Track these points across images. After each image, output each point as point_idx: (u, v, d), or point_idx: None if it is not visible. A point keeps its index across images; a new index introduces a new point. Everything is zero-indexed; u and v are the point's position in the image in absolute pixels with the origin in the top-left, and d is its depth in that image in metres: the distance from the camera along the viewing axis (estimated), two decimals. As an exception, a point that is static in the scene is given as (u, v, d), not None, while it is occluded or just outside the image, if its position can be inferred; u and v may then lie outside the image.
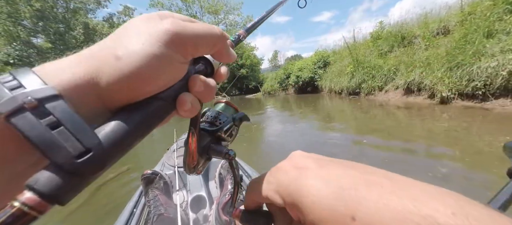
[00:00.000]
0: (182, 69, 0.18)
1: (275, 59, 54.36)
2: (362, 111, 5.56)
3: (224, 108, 0.30)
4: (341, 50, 11.97)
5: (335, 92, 9.90)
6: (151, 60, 0.16)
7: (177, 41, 0.17)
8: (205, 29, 0.19)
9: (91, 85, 0.15)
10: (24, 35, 18.72)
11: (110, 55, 0.15)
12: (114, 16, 27.41)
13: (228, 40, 0.23)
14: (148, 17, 0.18)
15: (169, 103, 0.18)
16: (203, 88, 0.20)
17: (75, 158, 0.12)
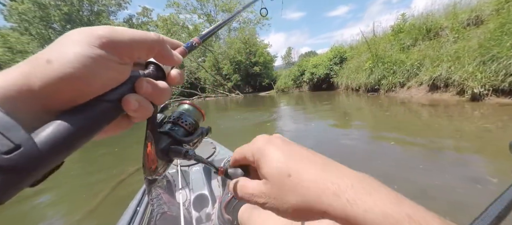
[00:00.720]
0: (123, 71, 0.19)
1: (288, 56, 53.59)
2: (382, 109, 5.27)
3: (188, 110, 0.30)
4: (358, 45, 11.46)
5: (352, 89, 9.52)
6: (83, 60, 0.16)
7: (109, 43, 0.17)
8: (140, 33, 0.20)
9: (24, 89, 0.15)
10: (54, 37, 20.17)
11: (41, 60, 0.16)
12: (133, 17, 28.68)
13: (179, 48, 0.26)
14: (84, 29, 0.18)
15: (114, 104, 0.19)
16: (151, 89, 0.21)
17: (4, 153, 0.13)
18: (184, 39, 23.64)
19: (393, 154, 2.46)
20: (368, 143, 3.00)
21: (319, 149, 2.00)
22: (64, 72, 0.15)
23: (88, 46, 0.17)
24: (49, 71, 0.15)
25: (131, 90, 0.20)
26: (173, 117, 0.28)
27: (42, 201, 2.25)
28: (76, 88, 0.16)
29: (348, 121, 4.43)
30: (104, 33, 0.17)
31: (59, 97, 0.16)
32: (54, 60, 0.16)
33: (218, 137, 3.98)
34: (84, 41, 0.17)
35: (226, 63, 22.92)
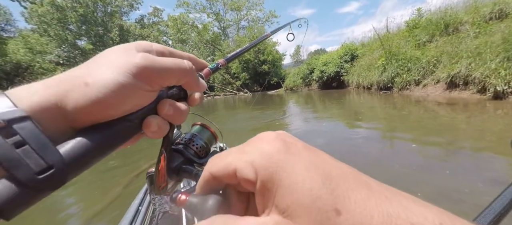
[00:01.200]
0: (150, 96, 0.20)
1: (297, 54, 53.01)
2: (395, 108, 5.10)
3: (200, 131, 0.30)
4: (370, 42, 11.14)
5: (363, 87, 9.27)
6: (117, 88, 0.17)
7: (144, 73, 0.18)
8: (174, 64, 0.20)
9: (58, 107, 0.16)
10: (71, 38, 21.09)
11: (79, 81, 0.17)
12: (144, 17, 29.35)
13: (204, 70, 0.27)
14: (124, 49, 0.19)
15: (136, 124, 0.20)
16: (172, 111, 0.21)
17: (36, 174, 0.14)
18: (193, 38, 23.93)
19: (414, 156, 2.34)
20: (386, 145, 2.89)
21: (332, 151, 1.96)
22: (98, 98, 0.16)
23: (125, 74, 0.17)
24: (85, 95, 0.16)
25: (153, 110, 0.21)
26: (185, 139, 0.28)
27: (60, 194, 2.35)
28: (106, 112, 0.17)
29: (361, 120, 4.32)
30: (142, 62, 0.18)
31: (87, 117, 0.17)
32: (92, 84, 0.16)
33: (225, 139, 3.99)
34: (122, 67, 0.17)
35: (235, 62, 22.99)
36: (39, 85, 0.16)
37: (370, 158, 2.38)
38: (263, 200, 0.14)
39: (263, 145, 0.15)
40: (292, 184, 0.13)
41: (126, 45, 0.20)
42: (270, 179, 0.14)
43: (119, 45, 0.20)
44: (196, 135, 0.29)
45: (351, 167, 0.15)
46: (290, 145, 0.15)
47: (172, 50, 0.24)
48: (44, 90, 0.16)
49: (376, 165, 2.19)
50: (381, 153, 2.53)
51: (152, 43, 0.22)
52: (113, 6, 23.60)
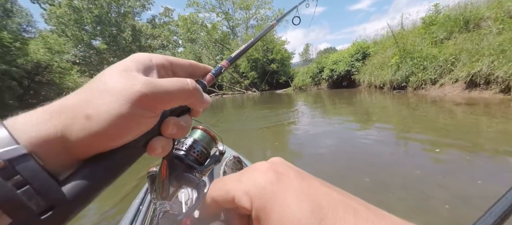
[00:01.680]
0: (153, 121, 0.19)
1: (306, 53, 52.37)
2: (410, 108, 4.90)
3: (200, 136, 0.29)
4: (383, 39, 10.79)
5: (375, 87, 9.00)
6: (120, 120, 0.16)
7: (147, 101, 0.17)
8: (177, 87, 0.19)
9: (60, 141, 0.15)
10: (86, 38, 21.93)
11: (80, 113, 0.16)
12: (156, 18, 29.99)
13: (207, 76, 0.26)
14: (125, 70, 0.18)
15: (139, 149, 0.19)
16: (176, 130, 0.20)
17: (38, 215, 0.13)
18: (202, 37, 24.19)
19: (431, 160, 2.21)
20: (400, 147, 2.78)
21: (341, 153, 1.89)
22: (101, 131, 0.16)
23: (127, 105, 0.16)
24: (87, 129, 0.15)
25: (157, 132, 0.20)
26: (186, 145, 0.28)
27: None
28: (109, 143, 0.17)
29: (373, 121, 4.18)
30: (144, 90, 0.17)
31: (89, 149, 0.16)
32: (93, 117, 0.16)
33: (234, 141, 3.97)
34: (124, 96, 0.16)
35: (243, 61, 23.03)
36: (39, 116, 0.15)
37: (382, 161, 2.29)
38: (257, 223, 0.15)
39: (256, 176, 0.16)
40: (283, 214, 0.14)
41: (126, 64, 0.19)
42: (262, 209, 0.15)
43: (119, 65, 0.19)
44: (196, 141, 0.29)
45: (341, 193, 0.16)
46: (281, 176, 0.16)
47: (173, 60, 0.23)
48: (44, 123, 0.15)
49: (389, 169, 2.10)
50: (394, 156, 2.43)
51: (151, 56, 0.21)
52: (126, 6, 24.29)
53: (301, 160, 2.56)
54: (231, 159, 1.02)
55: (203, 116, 1.74)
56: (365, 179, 1.91)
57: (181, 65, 0.23)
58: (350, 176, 2.02)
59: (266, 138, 3.72)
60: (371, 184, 1.82)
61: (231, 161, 1.02)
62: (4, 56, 11.27)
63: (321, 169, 2.22)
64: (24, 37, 14.81)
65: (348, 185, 1.84)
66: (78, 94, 0.17)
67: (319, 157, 2.60)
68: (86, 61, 22.42)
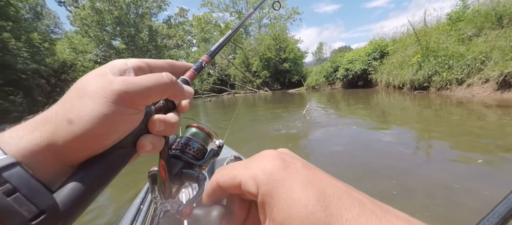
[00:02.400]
0: (137, 118, 0.19)
1: (319, 52, 51.31)
2: (433, 110, 4.60)
3: (195, 134, 0.30)
4: (403, 37, 10.26)
5: (394, 87, 8.58)
6: (102, 119, 0.17)
7: (125, 98, 0.18)
8: (153, 81, 0.19)
9: (47, 149, 0.16)
10: (107, 38, 23.06)
11: (62, 119, 0.16)
12: (171, 18, 30.85)
13: (188, 72, 0.26)
14: (100, 75, 0.18)
15: (129, 148, 0.19)
16: (163, 127, 0.21)
17: (29, 221, 0.13)
18: (216, 37, 24.49)
19: (467, 169, 2.01)
20: (432, 155, 2.56)
21: (356, 157, 1.77)
22: (85, 133, 0.16)
23: (105, 103, 0.17)
24: (72, 133, 0.16)
25: (145, 130, 0.20)
26: (181, 144, 0.28)
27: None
28: (97, 144, 0.17)
29: (392, 123, 3.98)
30: (120, 87, 0.18)
31: (78, 152, 0.17)
32: (75, 120, 0.16)
33: (240, 144, 3.94)
34: (101, 97, 0.17)
35: (256, 60, 23.03)
36: (24, 128, 0.16)
37: (404, 165, 2.15)
38: (264, 212, 0.16)
39: (264, 162, 0.17)
40: (289, 200, 0.14)
41: (101, 69, 0.19)
42: (269, 194, 0.15)
43: (94, 71, 0.19)
44: (191, 138, 0.29)
45: (347, 185, 0.16)
46: (289, 164, 0.16)
47: (149, 62, 0.23)
48: (30, 134, 0.16)
49: (412, 173, 1.97)
50: (417, 160, 2.28)
51: (126, 60, 0.21)
52: (144, 7, 25.22)
53: (316, 162, 2.48)
54: (232, 159, 1.02)
55: (214, 114, 1.72)
56: (386, 182, 1.80)
57: (158, 66, 0.24)
58: (369, 179, 1.92)
59: (279, 139, 3.66)
60: (392, 188, 1.71)
61: (232, 161, 1.02)
62: (34, 55, 12.15)
63: (337, 171, 2.13)
64: (52, 38, 15.88)
65: (367, 188, 1.74)
66: (59, 103, 0.18)
67: (335, 158, 2.51)
68: (107, 60, 23.47)
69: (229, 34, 0.38)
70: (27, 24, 13.49)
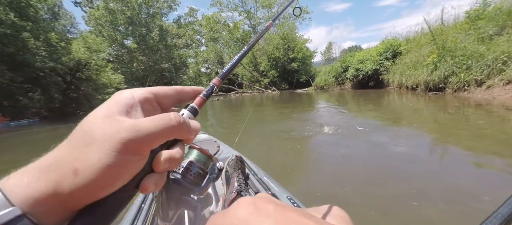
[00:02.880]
0: (142, 162, 0.19)
1: (328, 51, 50.53)
2: (449, 112, 4.40)
3: (197, 157, 0.29)
4: (417, 37, 9.89)
5: (407, 88, 8.29)
6: (108, 170, 0.17)
7: (132, 147, 0.17)
8: (161, 126, 0.19)
9: (52, 198, 0.16)
10: (120, 38, 23.71)
11: (68, 168, 0.16)
12: (181, 18, 31.31)
13: (197, 99, 0.25)
14: (107, 115, 0.18)
15: (131, 191, 0.19)
16: (168, 164, 0.20)
17: None
18: (224, 36, 24.63)
19: (489, 175, 1.89)
20: (449, 159, 2.44)
21: (378, 163, 1.69)
22: (90, 183, 0.16)
23: (112, 153, 0.17)
24: (76, 183, 0.16)
25: (148, 170, 0.20)
26: (182, 168, 0.28)
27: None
28: (100, 192, 0.17)
29: (409, 126, 3.83)
30: (128, 136, 0.17)
31: (82, 200, 0.17)
32: (81, 171, 0.16)
33: (248, 148, 3.92)
34: (109, 147, 0.17)
35: (264, 59, 22.98)
36: (30, 175, 0.16)
37: (419, 169, 2.06)
38: None
39: (239, 209, 0.18)
40: None
41: (108, 108, 0.19)
42: None
43: (101, 110, 0.19)
44: (192, 162, 0.28)
45: (318, 222, 0.16)
46: (261, 208, 0.17)
47: (157, 92, 0.22)
48: (35, 182, 0.16)
49: (427, 177, 1.87)
50: (433, 164, 2.17)
51: (133, 93, 0.21)
52: (155, 8, 25.74)
53: (327, 165, 2.42)
54: (233, 159, 1.00)
55: (221, 114, 1.69)
56: (400, 186, 1.72)
57: (166, 95, 0.23)
58: (382, 183, 1.85)
59: (288, 141, 3.61)
60: (407, 192, 1.63)
61: (233, 160, 0.99)
62: (52, 54, 12.66)
63: (349, 175, 2.06)
64: (68, 38, 16.49)
65: (381, 192, 1.67)
66: (65, 147, 0.18)
67: (347, 161, 2.43)
68: (119, 59, 24.27)
69: (241, 54, 0.36)
70: (45, 24, 14.09)
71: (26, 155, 3.26)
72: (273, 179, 1.05)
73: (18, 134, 7.44)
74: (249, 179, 1.05)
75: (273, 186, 0.96)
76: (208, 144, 1.74)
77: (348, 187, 1.81)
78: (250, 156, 1.42)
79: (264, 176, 1.09)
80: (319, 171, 2.26)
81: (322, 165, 2.38)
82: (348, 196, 1.67)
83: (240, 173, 0.90)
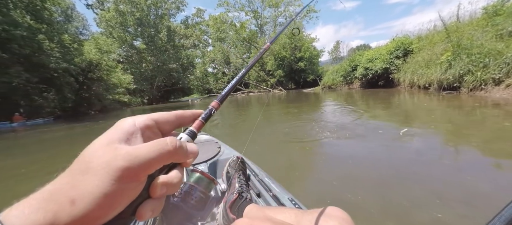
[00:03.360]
0: (139, 189, 0.19)
1: (336, 50, 49.78)
2: (466, 113, 4.21)
3: (198, 180, 0.30)
4: (430, 34, 9.56)
5: (419, 87, 8.04)
6: (104, 199, 0.17)
7: (129, 174, 0.18)
8: (156, 151, 0.19)
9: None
10: (129, 39, 24.24)
11: (65, 198, 0.16)
12: (189, 18, 31.65)
13: (196, 122, 0.25)
14: (107, 143, 0.19)
15: (128, 218, 0.19)
16: (166, 189, 0.20)
17: None
18: (231, 36, 24.72)
19: (502, 177, 1.85)
20: (468, 161, 2.37)
21: (392, 164, 1.60)
22: (85, 214, 0.16)
23: (110, 182, 0.17)
24: (73, 214, 0.16)
25: (145, 196, 0.20)
26: (183, 192, 0.27)
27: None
28: (97, 222, 0.17)
29: (422, 126, 3.70)
30: (124, 163, 0.17)
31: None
32: (77, 201, 0.16)
33: (255, 150, 3.88)
34: (106, 173, 0.17)
35: (270, 59, 22.89)
36: (30, 205, 0.16)
37: (437, 171, 1.97)
38: None
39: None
40: None
41: (110, 136, 0.19)
42: None
43: (103, 138, 0.19)
44: (194, 186, 0.29)
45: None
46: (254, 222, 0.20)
47: (157, 118, 0.23)
48: (35, 213, 0.16)
49: (445, 180, 1.79)
50: (451, 166, 2.07)
51: (135, 120, 0.21)
52: (163, 9, 26.15)
53: (338, 166, 2.37)
54: (235, 160, 0.99)
55: (228, 114, 1.66)
56: (416, 189, 1.65)
57: (166, 120, 0.24)
58: (397, 185, 1.78)
59: (295, 142, 3.57)
60: (424, 195, 1.56)
61: (234, 161, 0.99)
62: (65, 55, 13.10)
63: (361, 176, 2.00)
64: (80, 39, 17.03)
65: (395, 195, 1.61)
66: (65, 175, 0.18)
67: (359, 164, 2.37)
68: (128, 60, 24.85)
69: (239, 76, 0.35)
70: (59, 26, 14.61)
71: (56, 150, 3.32)
72: (274, 180, 1.03)
73: (38, 132, 7.71)
74: (250, 180, 1.03)
75: (274, 187, 0.95)
76: (209, 145, 1.73)
77: (361, 191, 1.75)
78: (256, 159, 1.40)
79: (265, 177, 1.07)
80: (329, 174, 2.21)
81: (333, 168, 2.32)
82: (362, 201, 1.62)
83: (241, 174, 0.89)
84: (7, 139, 6.68)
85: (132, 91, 22.79)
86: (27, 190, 0.17)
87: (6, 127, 9.63)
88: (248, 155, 1.44)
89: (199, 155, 0.73)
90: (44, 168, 3.08)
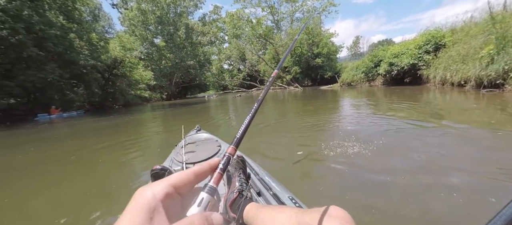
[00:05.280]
0: None
1: (355, 46, 47.56)
2: (508, 113, 3.71)
3: None
4: (466, 26, 8.64)
5: (452, 84, 7.33)
6: None
7: None
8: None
9: None
10: (150, 37, 25.23)
11: None
12: (206, 16, 32.16)
13: (215, 174, 0.25)
14: (137, 215, 0.19)
15: None
16: None
17: None
18: (247, 33, 24.61)
19: None
20: None
21: (433, 170, 1.32)
22: None
23: None
24: None
25: None
26: None
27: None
28: None
29: (457, 129, 3.32)
30: None
31: None
32: None
33: (268, 154, 3.71)
34: None
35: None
36: None
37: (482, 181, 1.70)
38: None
39: (248, 210, 0.23)
40: None
41: (132, 218, 0.19)
42: None
43: (124, 222, 0.19)
44: None
45: None
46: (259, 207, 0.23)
47: (175, 183, 0.23)
48: None
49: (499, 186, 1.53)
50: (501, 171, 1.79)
51: (154, 191, 0.21)
52: (182, 6, 26.81)
53: (363, 176, 2.17)
54: (235, 158, 0.98)
55: (242, 110, 1.50)
56: (456, 201, 1.43)
57: (185, 182, 0.24)
58: (435, 199, 1.56)
59: (312, 142, 3.39)
60: (463, 211, 1.34)
61: (234, 160, 0.98)
62: (93, 53, 14.00)
63: (394, 180, 1.80)
64: (106, 37, 18.06)
65: (438, 201, 1.40)
66: None
67: (387, 171, 2.15)
68: (149, 57, 25.92)
69: (253, 112, 0.36)
70: (88, 26, 15.59)
71: (110, 137, 3.35)
72: (274, 179, 1.04)
73: (80, 123, 8.21)
74: (250, 178, 1.04)
75: (275, 186, 0.96)
76: (209, 143, 1.73)
77: (397, 201, 1.57)
78: (269, 164, 1.29)
79: (265, 175, 1.08)
80: (356, 183, 2.03)
81: (357, 176, 2.14)
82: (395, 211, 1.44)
83: (241, 172, 0.90)
84: (55, 129, 7.22)
85: (152, 87, 23.77)
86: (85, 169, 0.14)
87: (45, 119, 10.54)
88: (248, 155, 1.39)
89: (199, 153, 0.77)
90: (95, 154, 3.24)
